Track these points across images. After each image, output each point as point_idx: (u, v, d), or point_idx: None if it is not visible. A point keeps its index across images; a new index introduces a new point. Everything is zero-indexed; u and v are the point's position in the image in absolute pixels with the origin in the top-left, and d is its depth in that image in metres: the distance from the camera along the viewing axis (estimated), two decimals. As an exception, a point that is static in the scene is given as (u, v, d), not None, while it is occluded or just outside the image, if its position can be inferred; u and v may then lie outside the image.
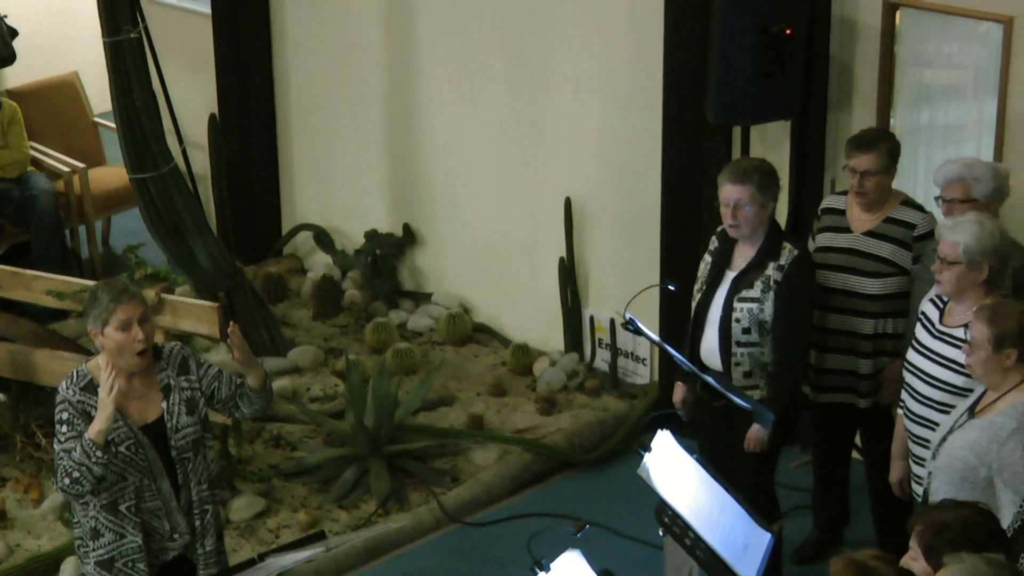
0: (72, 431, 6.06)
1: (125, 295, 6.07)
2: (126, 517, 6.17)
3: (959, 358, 6.26)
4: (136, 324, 6.06)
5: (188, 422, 6.22)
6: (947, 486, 5.96)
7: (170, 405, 6.21)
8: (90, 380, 6.14)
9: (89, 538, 6.22)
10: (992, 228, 6.35)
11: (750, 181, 7.00)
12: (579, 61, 9.14)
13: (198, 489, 6.28)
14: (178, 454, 6.21)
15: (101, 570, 6.23)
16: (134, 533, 6.19)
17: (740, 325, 7.09)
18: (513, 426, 9.09)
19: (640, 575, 6.72)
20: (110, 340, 6.06)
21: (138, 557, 6.22)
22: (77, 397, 6.11)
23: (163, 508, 6.24)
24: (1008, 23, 7.56)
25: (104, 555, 6.21)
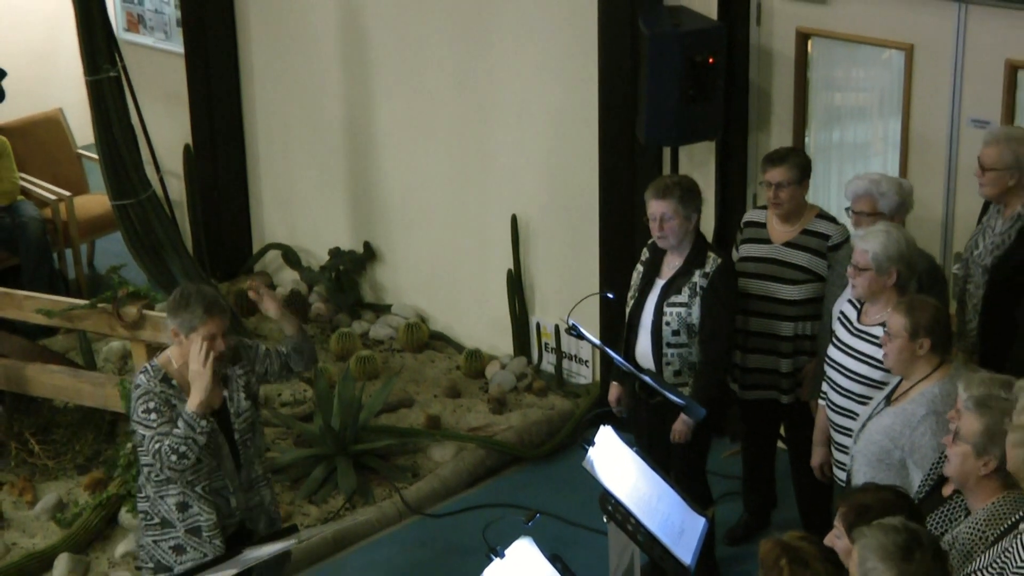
0: (162, 417, 6.13)
1: (215, 309, 6.15)
2: (202, 497, 6.26)
3: (876, 354, 6.30)
4: (220, 339, 6.15)
5: (246, 406, 6.35)
6: (866, 468, 6.00)
7: (231, 393, 6.32)
8: (164, 374, 6.23)
9: (174, 512, 6.25)
10: (899, 237, 6.40)
11: (672, 196, 7.02)
12: (522, 90, 9.15)
13: (254, 470, 6.43)
14: (240, 436, 6.33)
15: (192, 536, 6.28)
16: (208, 511, 6.27)
17: (670, 328, 7.11)
18: (468, 425, 9.08)
19: (586, 559, 6.72)
20: (193, 345, 6.12)
21: (215, 533, 6.30)
22: (159, 388, 6.19)
23: (228, 487, 6.33)
24: (909, 50, 7.61)
25: (192, 524, 6.28)
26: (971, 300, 6.90)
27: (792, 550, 4.52)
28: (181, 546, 6.30)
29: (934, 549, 4.39)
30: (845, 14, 7.84)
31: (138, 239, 9.13)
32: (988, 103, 7.38)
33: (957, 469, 5.09)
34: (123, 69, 9.06)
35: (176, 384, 6.21)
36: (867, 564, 4.38)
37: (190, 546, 6.29)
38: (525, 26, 9.02)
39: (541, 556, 5.56)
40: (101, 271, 10.87)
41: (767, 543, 4.59)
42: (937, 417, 5.78)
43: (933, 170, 7.64)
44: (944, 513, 5.28)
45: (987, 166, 6.70)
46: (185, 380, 6.20)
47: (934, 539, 4.44)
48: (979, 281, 6.82)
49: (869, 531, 4.42)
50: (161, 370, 6.24)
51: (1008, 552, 4.66)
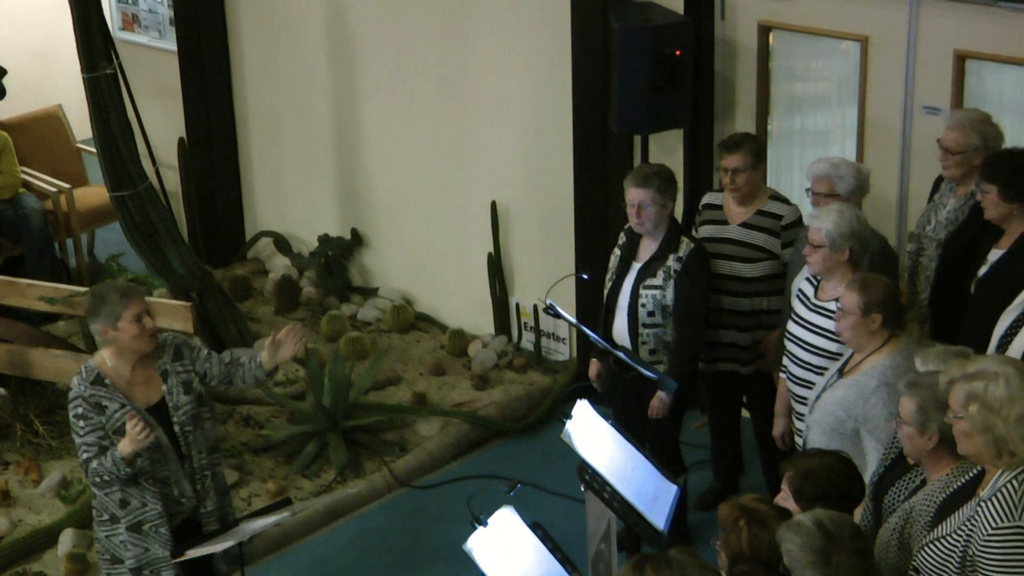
0: (89, 425, 6.11)
1: (133, 291, 6.15)
2: (146, 489, 6.22)
3: (831, 327, 6.33)
4: (146, 316, 6.14)
5: (186, 400, 6.28)
6: (821, 437, 6.03)
7: (169, 387, 6.27)
8: (98, 374, 6.18)
9: (117, 508, 6.24)
10: (850, 215, 6.43)
11: (651, 185, 7.05)
12: (500, 83, 9.17)
13: (198, 458, 6.34)
14: (180, 428, 6.26)
15: (132, 533, 6.27)
16: (154, 502, 6.24)
17: (645, 309, 7.14)
18: (452, 401, 9.11)
19: (565, 526, 6.75)
20: (125, 333, 6.11)
21: (160, 522, 6.27)
22: (89, 391, 6.14)
23: (172, 476, 6.28)
24: (864, 41, 7.65)
25: (133, 520, 6.26)
26: (923, 272, 6.94)
27: (750, 512, 4.56)
28: (125, 542, 6.30)
29: (852, 545, 4.39)
30: (804, 8, 7.86)
31: (136, 229, 9.10)
32: (939, 91, 7.41)
33: (908, 448, 5.13)
34: (119, 66, 9.03)
35: (109, 383, 6.16)
36: (796, 570, 4.39)
37: (131, 542, 6.27)
38: (502, 23, 9.03)
39: (522, 524, 5.60)
40: (101, 259, 10.86)
41: (726, 506, 4.63)
42: (888, 388, 5.81)
43: (888, 154, 7.68)
44: (906, 482, 5.31)
45: (953, 149, 6.72)
46: (119, 379, 6.18)
47: (853, 531, 4.44)
48: (932, 254, 6.86)
49: (788, 535, 4.42)
50: (95, 370, 6.18)
51: (973, 520, 4.67)
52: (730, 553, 4.53)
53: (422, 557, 7.78)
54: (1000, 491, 4.63)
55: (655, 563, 4.15)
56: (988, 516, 4.61)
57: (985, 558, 4.60)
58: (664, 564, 4.12)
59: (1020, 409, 4.58)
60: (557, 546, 5.54)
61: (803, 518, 4.45)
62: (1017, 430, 4.58)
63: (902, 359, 5.88)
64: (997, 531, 4.58)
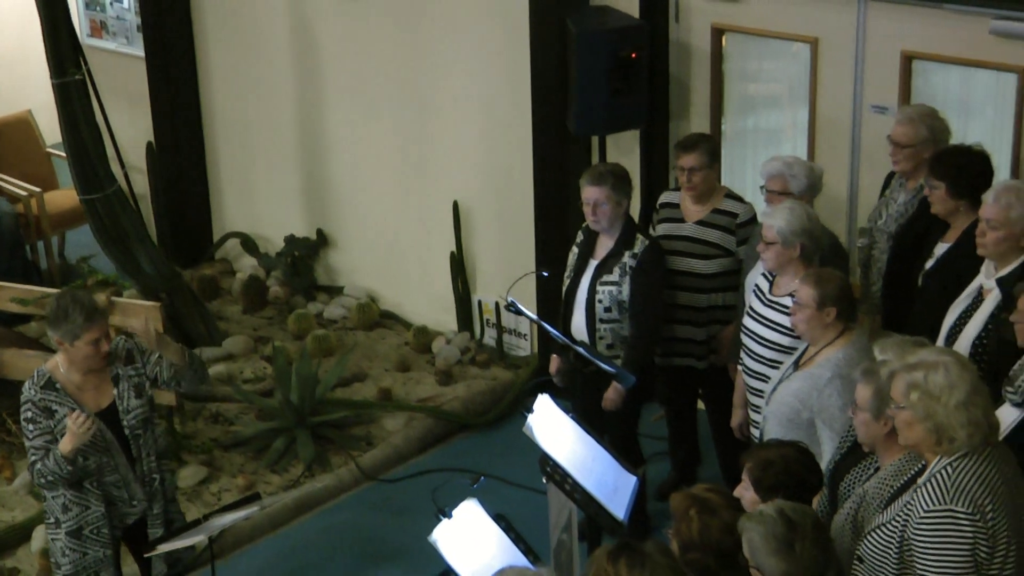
0: (37, 428, 6.07)
1: (96, 315, 6.07)
2: (89, 491, 6.17)
3: (786, 322, 6.35)
4: (103, 340, 6.07)
5: (137, 404, 6.23)
6: (777, 428, 6.05)
7: (120, 391, 6.22)
8: (49, 379, 6.14)
9: (60, 512, 6.20)
10: (802, 212, 6.45)
11: (606, 183, 7.05)
12: (460, 86, 9.16)
13: (148, 461, 6.29)
14: (131, 432, 6.21)
15: (71, 539, 6.22)
16: (97, 504, 6.19)
17: (603, 305, 7.14)
18: (417, 396, 9.10)
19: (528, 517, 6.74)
20: (79, 352, 6.06)
21: (102, 524, 6.22)
22: (39, 396, 6.11)
23: (122, 480, 6.24)
24: (814, 43, 7.67)
25: (73, 526, 6.21)
26: (876, 264, 6.97)
27: (701, 501, 4.57)
28: (64, 547, 6.26)
29: (813, 535, 4.41)
30: (756, 11, 7.88)
31: (105, 231, 9.08)
32: (886, 90, 7.44)
33: (863, 434, 5.15)
34: (88, 72, 9.00)
35: (60, 388, 6.13)
36: (757, 558, 4.42)
37: (69, 547, 6.24)
38: (462, 28, 9.02)
39: (486, 515, 5.60)
40: (71, 261, 10.80)
41: (678, 496, 4.64)
42: (842, 379, 5.83)
43: (838, 152, 7.70)
44: (862, 469, 5.33)
45: (903, 143, 6.74)
46: (70, 384, 6.15)
47: (815, 522, 4.46)
48: (884, 247, 6.89)
49: (751, 524, 4.44)
50: (47, 375, 6.15)
51: (910, 505, 4.70)
52: (681, 541, 4.55)
53: (389, 549, 7.76)
54: (935, 475, 4.66)
55: (630, 556, 4.14)
56: (922, 500, 4.64)
57: (918, 540, 4.63)
58: (638, 562, 4.12)
59: (960, 396, 4.61)
60: (520, 536, 5.54)
61: (766, 508, 4.47)
62: (957, 417, 4.61)
63: (855, 351, 5.90)
64: (929, 513, 4.61)
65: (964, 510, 4.58)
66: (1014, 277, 5.89)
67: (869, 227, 7.06)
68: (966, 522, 4.58)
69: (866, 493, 5.06)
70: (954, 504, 4.58)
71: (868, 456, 5.30)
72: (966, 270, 6.20)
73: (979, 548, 4.59)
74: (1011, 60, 6.97)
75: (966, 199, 6.34)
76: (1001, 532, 4.62)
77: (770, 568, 4.38)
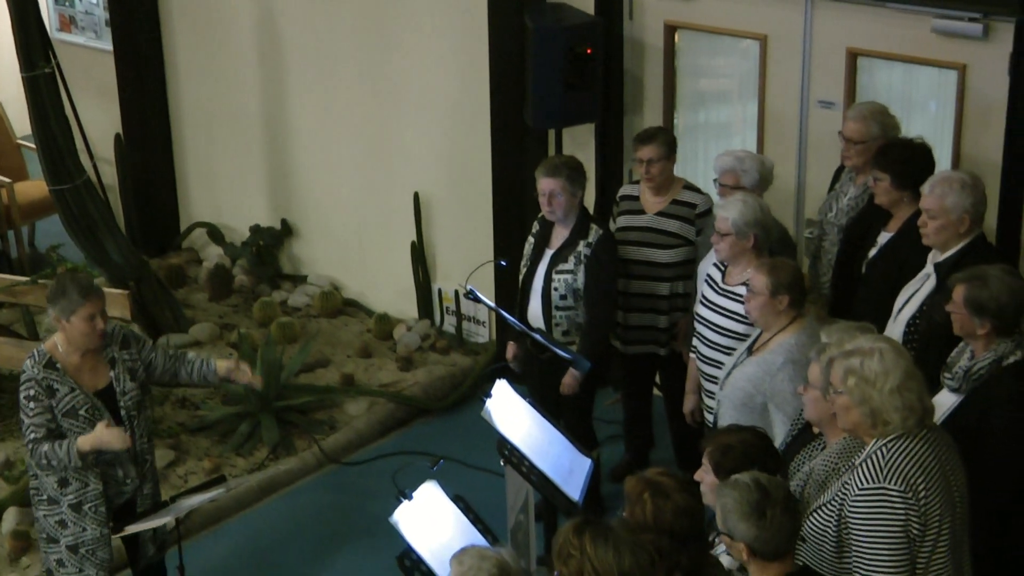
0: (39, 406, 6.04)
1: (92, 292, 6.05)
2: (89, 468, 6.15)
3: (739, 310, 6.37)
4: (99, 316, 6.04)
5: (132, 387, 6.24)
6: (732, 411, 6.06)
7: (117, 373, 6.21)
8: (49, 359, 6.11)
9: (56, 489, 6.17)
10: (755, 204, 6.46)
11: (560, 174, 7.05)
12: (421, 81, 9.13)
13: (141, 442, 6.29)
14: (127, 413, 6.21)
15: (73, 512, 6.20)
16: (95, 482, 6.18)
17: (558, 293, 7.14)
18: (378, 381, 9.08)
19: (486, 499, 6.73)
20: (74, 328, 6.04)
21: (99, 502, 6.22)
22: (41, 374, 6.08)
23: (117, 458, 6.23)
24: (763, 40, 7.68)
25: (74, 500, 6.20)
26: (826, 256, 6.99)
27: (654, 484, 4.57)
28: (64, 521, 6.24)
29: (785, 502, 4.43)
30: (708, 9, 7.88)
31: (75, 220, 9.02)
32: (833, 86, 7.46)
33: (812, 412, 5.17)
34: (57, 66, 8.93)
35: (60, 367, 6.11)
36: (729, 523, 4.44)
37: (71, 520, 6.22)
38: (423, 24, 8.99)
39: (445, 497, 5.59)
40: (41, 250, 10.72)
41: (631, 479, 4.64)
42: (794, 364, 5.85)
43: (786, 146, 7.72)
44: (811, 449, 5.36)
45: (855, 139, 6.76)
46: (69, 364, 6.12)
47: (785, 491, 4.48)
48: (834, 239, 6.91)
49: (726, 491, 4.47)
50: (47, 355, 6.12)
51: (847, 485, 4.74)
52: (635, 524, 4.55)
53: (351, 530, 7.74)
54: (871, 456, 4.71)
55: (594, 531, 4.14)
56: (858, 479, 4.69)
57: (853, 518, 4.68)
58: (602, 535, 4.12)
59: (894, 382, 4.67)
60: (479, 517, 5.54)
61: (742, 476, 4.50)
62: (891, 401, 4.68)
63: (807, 337, 5.92)
64: (864, 491, 4.66)
65: (896, 488, 4.63)
66: (950, 263, 5.93)
67: (819, 219, 7.08)
68: (898, 500, 4.63)
69: (812, 471, 5.10)
70: (887, 483, 4.64)
71: (818, 437, 5.33)
72: (908, 258, 6.24)
73: (911, 525, 4.65)
74: (952, 57, 6.99)
75: (909, 190, 6.38)
76: (934, 511, 4.67)
77: (740, 532, 4.40)
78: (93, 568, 6.28)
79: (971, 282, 5.38)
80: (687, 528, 4.47)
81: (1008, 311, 5.34)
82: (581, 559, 4.07)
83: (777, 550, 4.42)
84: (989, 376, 5.37)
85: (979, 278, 5.39)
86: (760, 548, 4.40)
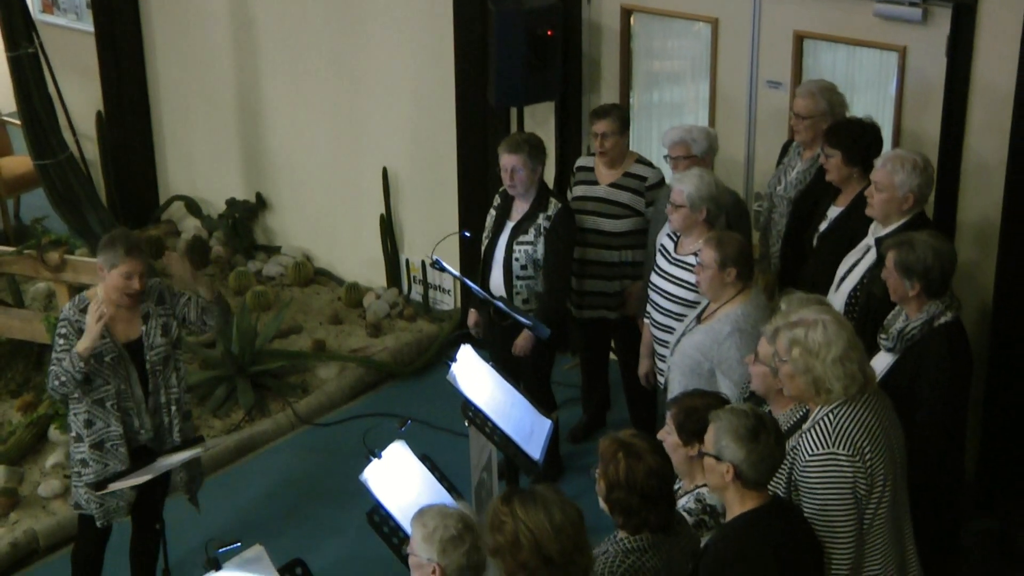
0: (66, 344, 6.07)
1: (135, 252, 6.06)
2: (110, 412, 6.16)
3: (690, 279, 6.36)
4: (136, 277, 6.04)
5: (161, 342, 6.22)
6: (681, 377, 6.06)
7: (148, 328, 6.20)
8: (88, 304, 6.11)
9: (83, 427, 6.18)
10: (709, 179, 6.45)
11: (522, 151, 7.02)
12: (388, 61, 9.08)
13: (166, 394, 6.28)
14: (151, 367, 6.21)
15: (94, 451, 6.20)
16: (116, 424, 6.18)
17: (519, 263, 7.12)
18: (349, 347, 9.05)
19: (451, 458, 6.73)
20: (112, 280, 6.06)
21: (120, 442, 6.21)
22: (76, 317, 6.11)
23: (135, 408, 6.21)
24: (714, 23, 7.66)
25: (96, 439, 6.19)
26: (775, 228, 6.99)
27: (627, 445, 4.56)
28: (85, 460, 6.23)
29: (776, 433, 4.48)
30: (662, -7, 7.87)
31: (58, 194, 8.95)
32: (780, 67, 7.45)
33: (759, 385, 5.19)
34: (40, 46, 8.83)
35: None
36: (721, 443, 4.46)
37: (92, 459, 6.21)
38: (390, 8, 8.93)
39: (413, 456, 5.57)
40: (26, 222, 10.63)
41: (606, 440, 4.63)
42: (741, 333, 5.86)
43: (736, 123, 7.71)
44: None
45: (804, 115, 6.77)
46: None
47: (776, 425, 4.52)
48: (784, 211, 6.91)
49: (723, 415, 4.50)
50: (85, 300, 6.14)
51: (796, 450, 4.77)
52: (608, 482, 4.55)
53: (323, 487, 7.72)
54: (818, 423, 4.76)
55: (522, 496, 4.14)
56: (807, 445, 4.74)
57: (804, 481, 4.73)
58: (530, 498, 4.12)
59: (836, 352, 4.72)
60: (444, 476, 5.52)
61: (738, 404, 4.55)
62: (833, 370, 4.72)
63: (753, 307, 5.93)
64: (814, 457, 4.71)
65: (845, 453, 4.68)
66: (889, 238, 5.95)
67: (768, 192, 7.08)
68: (847, 463, 4.68)
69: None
70: (836, 448, 4.69)
71: (764, 404, 5.33)
72: (856, 231, 6.26)
73: (859, 486, 4.71)
74: (893, 40, 7.00)
75: (859, 167, 6.39)
76: (878, 471, 4.73)
77: (731, 452, 4.43)
78: (113, 499, 6.28)
79: (900, 247, 5.48)
80: (656, 488, 4.48)
81: (934, 273, 5.42)
82: (514, 523, 4.06)
83: (760, 477, 4.45)
84: (922, 336, 5.44)
85: (906, 243, 5.48)
86: (746, 471, 4.43)
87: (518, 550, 4.04)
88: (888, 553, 4.83)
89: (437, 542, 4.28)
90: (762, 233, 7.15)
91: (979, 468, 7.04)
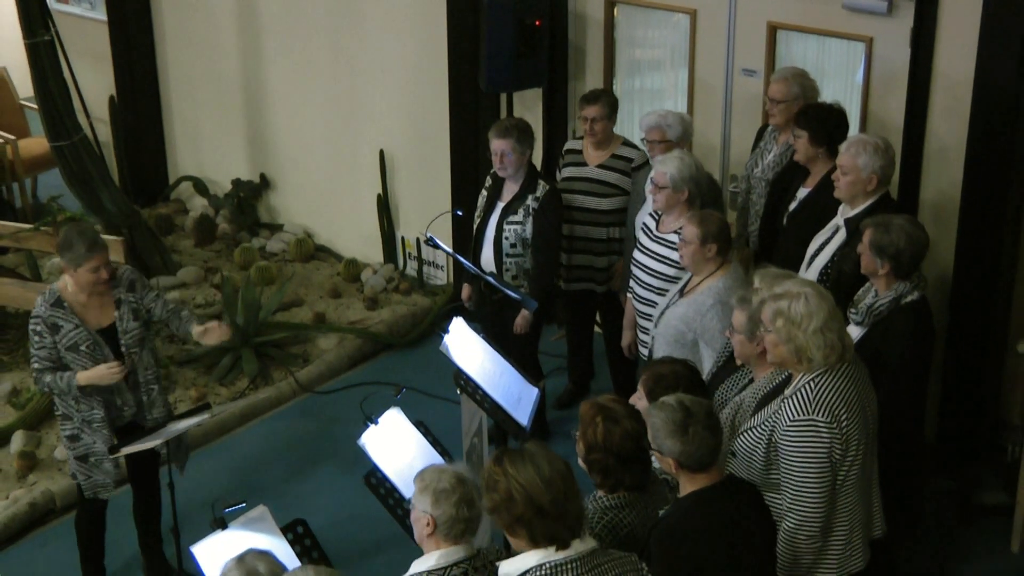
0: (42, 341, 6.03)
1: (97, 247, 5.98)
2: (92, 396, 6.13)
3: (672, 256, 6.36)
4: (103, 268, 5.99)
5: (134, 326, 6.17)
6: (665, 347, 6.07)
7: (121, 313, 6.15)
8: (58, 297, 6.06)
9: (72, 408, 6.16)
10: (690, 161, 6.44)
11: (511, 136, 7.00)
12: (385, 48, 9.04)
13: (144, 374, 6.24)
14: (127, 349, 6.16)
15: (85, 427, 6.19)
16: (98, 408, 6.15)
17: (508, 242, 7.11)
18: (347, 319, 9.04)
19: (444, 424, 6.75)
20: (81, 278, 5.99)
21: (102, 424, 6.18)
22: (48, 312, 6.04)
23: (115, 388, 6.17)
24: (693, 14, 7.64)
25: (85, 417, 6.17)
26: (753, 207, 6.99)
27: (606, 409, 4.57)
28: (76, 435, 6.22)
29: (706, 421, 4.44)
30: (643, -15, 7.84)
31: (73, 174, 8.93)
32: (755, 56, 7.43)
33: (739, 353, 5.21)
34: (56, 34, 8.79)
35: (67, 305, 6.05)
36: (658, 440, 4.47)
37: (84, 433, 6.20)
38: (387, -4, 8.92)
39: (408, 422, 5.58)
40: (42, 200, 10.59)
41: (586, 404, 4.64)
42: (722, 305, 5.86)
43: (713, 109, 7.69)
44: (736, 379, 5.41)
45: (779, 99, 6.77)
46: (76, 303, 6.06)
47: (708, 411, 4.49)
48: (761, 192, 6.91)
49: (655, 412, 4.49)
50: (56, 294, 6.07)
51: (777, 414, 4.78)
52: (586, 443, 4.56)
53: (323, 451, 7.72)
54: (799, 390, 4.77)
55: (511, 455, 4.16)
56: (788, 410, 4.76)
57: (784, 445, 4.75)
58: (519, 456, 4.14)
59: (817, 323, 4.73)
60: (437, 440, 5.53)
61: (668, 398, 4.53)
62: (814, 340, 4.73)
63: (732, 281, 5.94)
64: (794, 423, 4.73)
65: (823, 419, 4.70)
66: (858, 219, 5.96)
67: (746, 175, 7.07)
68: (824, 429, 4.70)
69: (743, 401, 5.15)
70: (815, 415, 4.71)
71: (740, 369, 5.36)
72: (824, 211, 6.25)
73: (834, 451, 4.73)
74: (860, 31, 6.98)
75: (824, 147, 6.39)
76: (853, 436, 4.76)
77: (668, 448, 4.43)
78: (101, 475, 6.27)
79: (876, 227, 5.50)
80: (632, 450, 4.50)
81: (904, 256, 5.45)
82: (507, 481, 4.07)
83: (701, 462, 4.44)
84: (888, 312, 5.46)
85: (883, 224, 5.50)
86: (686, 461, 4.44)
87: (513, 505, 4.06)
88: (856, 511, 4.88)
89: (431, 494, 4.33)
90: (739, 213, 7.15)
91: (938, 432, 7.07)
